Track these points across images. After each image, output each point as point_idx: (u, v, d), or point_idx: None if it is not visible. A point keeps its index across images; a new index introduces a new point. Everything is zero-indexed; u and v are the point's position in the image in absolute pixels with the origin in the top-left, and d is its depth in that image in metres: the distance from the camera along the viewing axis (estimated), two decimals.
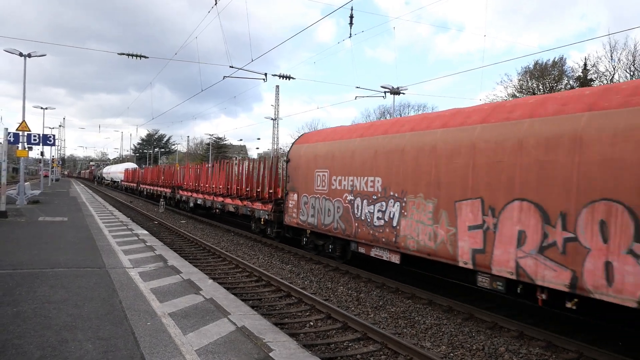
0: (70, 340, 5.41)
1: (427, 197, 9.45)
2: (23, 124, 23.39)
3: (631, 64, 36.45)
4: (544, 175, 7.26)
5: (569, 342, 7.27)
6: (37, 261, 9.91)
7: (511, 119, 8.12)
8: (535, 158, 7.42)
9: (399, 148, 10.38)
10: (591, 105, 7.00)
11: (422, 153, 9.66)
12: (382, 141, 11.06)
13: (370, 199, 11.19)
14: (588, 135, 6.79)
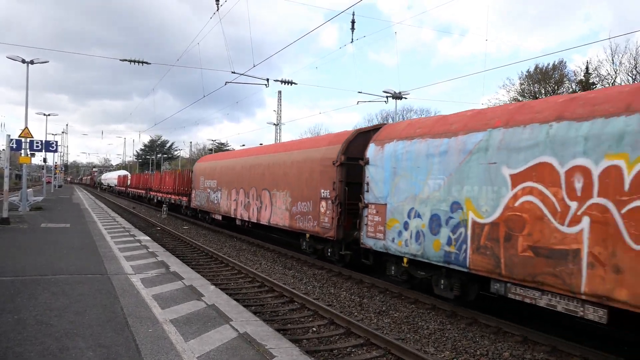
0: (71, 348, 5.38)
1: (253, 188, 18.57)
2: (26, 130, 23.45)
3: (633, 68, 36.43)
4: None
5: (574, 347, 7.21)
6: (38, 268, 9.89)
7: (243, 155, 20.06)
8: (279, 170, 16.53)
9: (230, 165, 21.69)
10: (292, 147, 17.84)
11: (236, 168, 20.67)
12: (223, 163, 23.09)
13: (215, 190, 22.99)
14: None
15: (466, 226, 8.78)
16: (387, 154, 10.92)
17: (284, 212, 15.78)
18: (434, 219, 9.49)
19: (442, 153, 9.42)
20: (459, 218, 8.94)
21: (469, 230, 8.72)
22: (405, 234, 10.24)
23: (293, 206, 15.18)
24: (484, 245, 8.40)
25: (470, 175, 8.76)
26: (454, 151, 9.13)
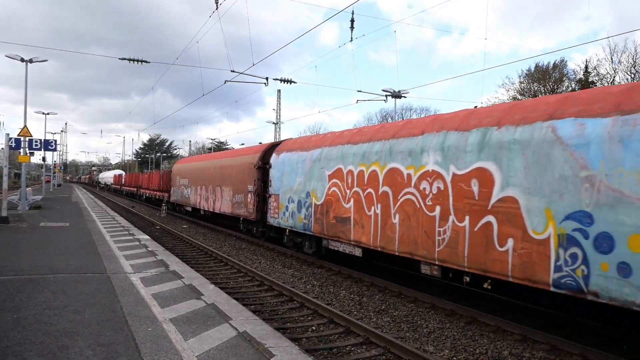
0: (70, 347, 5.38)
1: (211, 185, 22.99)
2: (25, 129, 23.42)
3: (632, 66, 36.44)
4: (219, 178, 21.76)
5: (573, 346, 7.21)
6: (38, 267, 9.89)
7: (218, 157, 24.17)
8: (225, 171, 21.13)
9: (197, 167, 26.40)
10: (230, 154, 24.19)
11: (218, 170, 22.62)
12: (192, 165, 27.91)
13: (187, 187, 27.46)
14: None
15: (311, 206, 13.79)
16: (280, 161, 15.96)
17: (228, 202, 20.75)
18: (299, 203, 14.52)
19: (303, 161, 14.47)
20: (309, 201, 13.95)
21: (312, 208, 13.76)
22: (287, 213, 15.26)
23: (233, 197, 20.20)
24: (318, 217, 13.47)
25: (314, 175, 13.81)
26: (308, 161, 14.18)
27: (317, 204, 13.45)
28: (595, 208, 6.62)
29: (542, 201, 7.37)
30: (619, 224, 6.33)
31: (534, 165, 7.55)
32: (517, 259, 7.66)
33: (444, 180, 9.18)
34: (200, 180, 24.99)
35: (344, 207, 12.21)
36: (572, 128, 7.12)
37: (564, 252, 7.00)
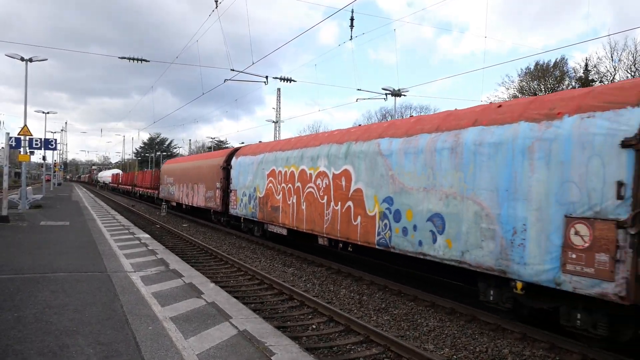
0: (71, 346, 5.39)
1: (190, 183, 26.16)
2: (25, 128, 23.43)
3: (632, 64, 36.41)
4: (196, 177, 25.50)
5: (573, 344, 7.22)
6: (38, 266, 9.90)
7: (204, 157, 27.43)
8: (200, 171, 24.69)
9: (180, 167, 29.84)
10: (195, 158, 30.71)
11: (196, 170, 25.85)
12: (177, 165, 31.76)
13: (172, 185, 30.65)
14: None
15: (257, 199, 17.54)
16: (237, 163, 19.84)
17: (202, 197, 24.16)
18: (249, 196, 18.28)
19: (252, 164, 18.30)
20: (255, 195, 17.69)
21: (257, 200, 17.53)
22: (242, 205, 19.00)
23: (206, 193, 23.57)
24: (261, 207, 17.17)
25: (258, 174, 17.55)
26: (255, 163, 17.97)
27: (260, 196, 17.40)
28: (394, 194, 10.35)
29: (373, 190, 11.05)
30: (403, 204, 10.07)
31: (369, 167, 11.24)
32: (361, 229, 11.37)
33: (328, 177, 12.99)
34: (183, 179, 28.48)
35: (276, 199, 16.08)
36: (386, 144, 10.79)
37: (381, 223, 10.66)
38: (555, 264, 7.05)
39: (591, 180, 6.74)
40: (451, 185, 8.98)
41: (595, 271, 6.53)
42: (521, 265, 7.55)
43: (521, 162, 7.73)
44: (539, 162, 7.48)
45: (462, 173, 8.78)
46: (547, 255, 7.18)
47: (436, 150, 9.39)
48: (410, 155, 10.02)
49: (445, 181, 9.13)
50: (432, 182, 9.45)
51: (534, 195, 7.47)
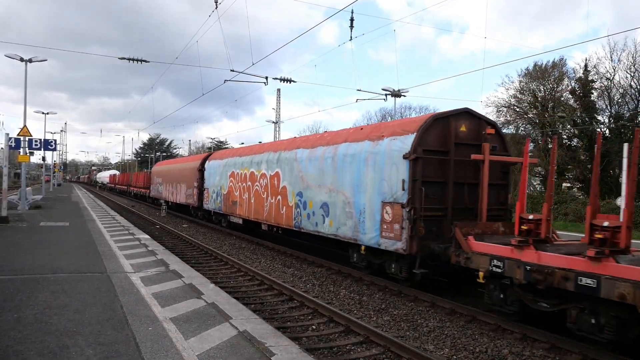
0: (71, 346, 5.39)
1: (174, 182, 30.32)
2: (24, 129, 23.42)
3: (632, 65, 36.37)
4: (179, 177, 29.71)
5: (573, 344, 7.22)
6: (38, 266, 9.90)
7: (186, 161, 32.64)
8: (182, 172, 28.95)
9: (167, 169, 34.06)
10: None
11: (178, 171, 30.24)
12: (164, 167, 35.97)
13: (160, 184, 34.63)
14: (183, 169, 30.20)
15: (222, 195, 21.21)
16: (209, 166, 23.77)
17: (183, 195, 28.30)
18: (217, 193, 21.98)
19: (219, 166, 22.03)
20: (221, 192, 21.39)
21: (222, 197, 21.23)
22: (212, 200, 22.91)
23: (187, 191, 27.55)
24: (224, 202, 20.85)
25: (223, 175, 21.22)
26: (221, 166, 21.73)
27: (224, 193, 21.20)
28: (303, 189, 14.17)
29: (292, 187, 14.94)
30: (308, 196, 13.87)
31: (290, 170, 15.12)
32: (285, 216, 15.32)
33: (267, 178, 16.86)
34: (168, 179, 32.61)
35: (235, 195, 19.94)
36: (300, 153, 14.63)
37: (296, 211, 14.61)
38: (377, 233, 10.89)
39: (392, 179, 10.57)
40: (331, 183, 12.89)
41: (394, 235, 10.32)
42: (363, 234, 11.42)
43: (363, 167, 11.58)
44: (370, 167, 11.33)
45: (337, 174, 12.64)
46: (374, 227, 11.02)
47: (324, 158, 13.28)
48: (312, 161, 13.90)
49: (328, 180, 13.03)
50: (322, 181, 13.31)
51: (368, 189, 11.35)
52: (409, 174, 10.13)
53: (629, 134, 35.95)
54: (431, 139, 10.49)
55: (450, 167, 10.55)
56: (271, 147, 17.56)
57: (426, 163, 10.28)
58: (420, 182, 10.12)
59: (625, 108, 38.04)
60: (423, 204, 10.05)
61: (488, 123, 11.24)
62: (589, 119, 38.83)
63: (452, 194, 10.55)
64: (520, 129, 42.85)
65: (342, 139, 12.99)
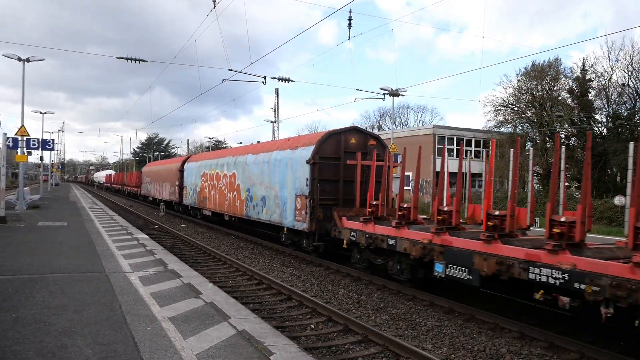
0: (69, 346, 5.39)
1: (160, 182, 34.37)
2: (22, 128, 23.39)
3: (629, 64, 36.46)
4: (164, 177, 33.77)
5: (571, 343, 7.25)
6: (36, 266, 9.89)
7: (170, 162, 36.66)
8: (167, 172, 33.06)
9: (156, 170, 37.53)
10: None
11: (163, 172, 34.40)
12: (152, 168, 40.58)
13: (149, 183, 38.87)
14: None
15: (197, 192, 24.97)
16: (187, 167, 27.60)
17: (168, 192, 32.16)
18: (193, 190, 25.71)
19: (194, 167, 25.75)
20: (195, 189, 25.28)
21: (197, 193, 25.03)
22: (189, 197, 26.66)
23: (170, 189, 31.44)
24: (198, 198, 24.81)
25: (197, 175, 25.02)
26: (196, 167, 25.58)
27: (198, 190, 25.16)
28: (250, 187, 17.92)
29: (243, 185, 18.67)
30: (253, 192, 17.72)
31: (242, 171, 18.90)
32: (239, 208, 18.99)
33: (227, 177, 20.63)
34: (156, 179, 36.51)
35: (205, 192, 23.80)
36: (249, 158, 18.46)
37: (246, 204, 18.36)
38: (293, 217, 14.80)
39: (301, 178, 14.42)
40: (267, 181, 16.76)
41: (302, 219, 14.16)
42: (285, 219, 15.38)
43: (285, 169, 15.49)
44: (290, 169, 15.21)
45: (270, 175, 16.54)
46: (292, 214, 14.87)
47: (263, 162, 17.25)
48: (256, 165, 17.91)
49: (266, 179, 16.90)
50: (262, 179, 17.27)
51: (288, 185, 15.25)
52: (310, 174, 14.01)
53: (627, 133, 36.06)
54: (327, 149, 14.31)
55: (341, 169, 14.36)
56: (231, 153, 22.01)
57: (322, 166, 14.09)
58: (318, 180, 13.88)
59: (622, 107, 38.16)
60: (319, 195, 13.82)
61: (372, 136, 15.27)
62: (587, 118, 38.91)
63: (343, 189, 14.35)
64: (518, 128, 42.91)
65: (275, 147, 17.12)
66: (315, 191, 13.75)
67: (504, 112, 43.36)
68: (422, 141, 43.60)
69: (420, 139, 44.43)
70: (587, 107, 38.44)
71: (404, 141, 41.90)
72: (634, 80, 36.68)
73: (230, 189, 20.16)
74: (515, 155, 9.10)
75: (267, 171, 16.72)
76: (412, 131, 49.40)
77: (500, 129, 43.61)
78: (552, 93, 40.54)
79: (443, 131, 45.58)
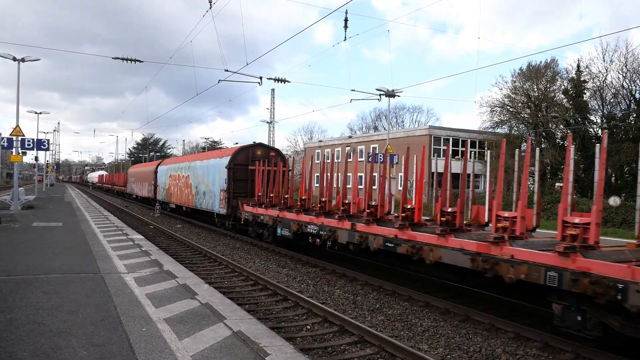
0: (64, 347, 5.36)
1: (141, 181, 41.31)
2: (17, 128, 23.28)
3: (623, 66, 36.62)
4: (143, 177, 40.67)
5: (566, 343, 7.27)
6: (31, 267, 9.83)
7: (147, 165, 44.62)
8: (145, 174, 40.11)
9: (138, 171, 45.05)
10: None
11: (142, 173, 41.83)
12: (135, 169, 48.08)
13: (133, 183, 45.47)
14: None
15: (166, 189, 31.40)
16: (160, 170, 33.54)
17: (146, 190, 38.29)
18: (163, 188, 32.28)
19: (165, 170, 32.21)
20: (165, 187, 31.82)
21: (166, 190, 31.46)
22: (161, 193, 32.99)
23: (147, 188, 37.35)
24: (166, 194, 31.32)
25: (166, 176, 31.47)
26: (166, 170, 32.11)
27: (166, 188, 31.12)
28: (197, 184, 24.66)
29: (193, 183, 25.33)
30: (199, 188, 24.44)
31: (193, 173, 25.47)
32: (192, 200, 25.30)
33: (185, 177, 26.74)
34: (137, 179, 43.00)
35: (171, 189, 29.84)
36: (196, 163, 25.64)
37: (196, 197, 24.80)
38: (219, 205, 21.17)
39: (223, 178, 20.84)
40: (206, 181, 22.95)
41: (223, 206, 20.62)
42: (215, 207, 21.61)
43: (215, 172, 21.92)
44: (217, 172, 21.58)
45: (208, 176, 22.70)
46: (218, 203, 21.21)
47: (204, 167, 23.69)
48: (201, 168, 24.08)
49: (205, 179, 23.18)
50: (203, 180, 23.47)
51: (217, 184, 21.53)
52: (227, 176, 20.58)
53: (621, 134, 36.24)
54: (239, 158, 20.91)
55: (249, 172, 20.45)
56: (188, 159, 29.31)
57: (236, 170, 20.58)
58: (233, 180, 20.41)
59: (617, 108, 38.33)
60: (233, 190, 20.28)
61: (272, 150, 22.54)
62: (582, 119, 39.07)
63: (249, 186, 20.32)
64: (514, 128, 43.03)
65: (211, 156, 24.36)
66: (230, 187, 20.33)
67: (500, 112, 43.46)
68: (418, 142, 43.75)
69: (416, 139, 44.55)
70: (582, 108, 38.59)
71: (400, 142, 42.00)
72: (628, 81, 36.88)
73: (186, 186, 26.45)
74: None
75: (206, 173, 23.29)
76: (408, 132, 49.55)
77: (496, 129, 43.72)
78: (547, 94, 40.67)
79: (439, 132, 45.72)
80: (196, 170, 24.65)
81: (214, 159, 22.61)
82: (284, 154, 21.69)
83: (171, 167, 30.61)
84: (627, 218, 25.89)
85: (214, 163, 22.25)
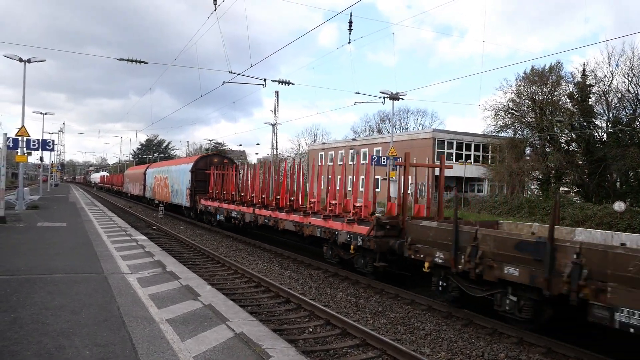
0: (67, 347, 5.38)
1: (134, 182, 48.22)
2: (22, 129, 23.37)
3: (629, 70, 36.52)
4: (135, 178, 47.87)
5: (569, 349, 7.24)
6: (35, 267, 9.87)
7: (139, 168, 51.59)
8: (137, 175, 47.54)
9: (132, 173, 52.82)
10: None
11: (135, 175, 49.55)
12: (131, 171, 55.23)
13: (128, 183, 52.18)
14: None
15: (152, 188, 38.00)
16: (148, 172, 40.72)
17: (137, 189, 43.98)
18: (151, 187, 38.80)
19: (152, 172, 39.23)
20: (151, 186, 38.72)
21: (152, 189, 38.01)
22: (148, 191, 40.00)
23: (139, 187, 43.30)
24: (152, 192, 38.05)
25: (152, 177, 38.44)
26: (152, 172, 39.10)
27: (153, 187, 36.86)
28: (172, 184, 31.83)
29: (170, 183, 32.04)
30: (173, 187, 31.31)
31: (170, 176, 32.19)
32: (169, 197, 32.14)
33: (165, 179, 33.62)
34: (131, 180, 48.87)
35: (156, 189, 35.89)
36: (172, 167, 32.99)
37: (172, 194, 31.54)
38: (185, 200, 28.06)
39: (187, 179, 27.85)
40: (178, 181, 29.85)
41: (188, 201, 27.67)
42: (183, 202, 28.54)
43: (183, 175, 28.89)
44: (185, 175, 28.43)
45: (179, 177, 29.56)
46: (185, 199, 28.06)
47: (176, 170, 30.77)
48: (175, 172, 30.74)
49: (178, 180, 29.89)
50: (176, 180, 30.06)
51: (185, 183, 28.32)
52: (191, 178, 26.96)
53: (627, 138, 36.10)
54: (200, 164, 27.42)
55: (207, 175, 25.90)
56: (167, 164, 36.49)
57: (197, 174, 26.87)
58: (194, 181, 26.79)
59: (622, 113, 38.20)
60: (195, 189, 26.59)
61: (226, 158, 28.78)
62: (587, 123, 38.95)
63: (207, 185, 25.67)
64: (518, 132, 42.95)
65: (181, 162, 31.94)
66: (193, 186, 26.95)
67: (504, 116, 43.39)
68: (422, 145, 43.70)
69: (420, 142, 44.51)
70: (588, 113, 38.47)
71: (403, 145, 41.95)
72: (634, 86, 36.75)
73: (165, 186, 33.02)
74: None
75: (177, 175, 29.93)
76: (412, 135, 49.47)
77: (500, 133, 43.64)
78: (552, 98, 40.55)
79: (443, 135, 45.65)
80: (172, 173, 31.78)
81: (183, 164, 29.78)
82: (235, 161, 27.04)
83: (156, 170, 37.94)
84: (632, 223, 25.76)
85: (183, 168, 29.21)
